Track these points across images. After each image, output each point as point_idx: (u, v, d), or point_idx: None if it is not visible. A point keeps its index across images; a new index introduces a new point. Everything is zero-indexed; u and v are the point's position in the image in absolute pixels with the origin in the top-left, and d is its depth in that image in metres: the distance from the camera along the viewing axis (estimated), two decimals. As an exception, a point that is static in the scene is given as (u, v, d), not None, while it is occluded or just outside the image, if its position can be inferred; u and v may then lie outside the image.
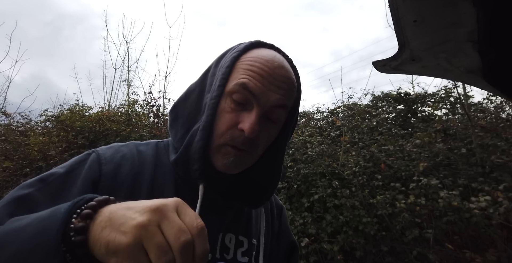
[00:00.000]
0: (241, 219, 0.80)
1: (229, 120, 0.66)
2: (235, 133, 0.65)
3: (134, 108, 6.12)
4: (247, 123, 0.63)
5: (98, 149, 0.72)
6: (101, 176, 0.65)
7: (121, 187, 0.66)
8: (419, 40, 0.92)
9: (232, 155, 0.66)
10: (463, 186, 3.49)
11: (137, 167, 0.71)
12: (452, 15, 0.81)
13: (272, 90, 0.65)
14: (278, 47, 0.76)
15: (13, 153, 4.89)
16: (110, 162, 0.69)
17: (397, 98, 5.77)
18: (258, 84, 0.64)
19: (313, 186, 3.92)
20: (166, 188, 0.71)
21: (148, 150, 0.77)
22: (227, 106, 0.66)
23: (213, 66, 0.75)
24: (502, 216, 2.95)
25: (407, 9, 0.80)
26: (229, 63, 0.68)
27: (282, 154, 0.78)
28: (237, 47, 0.72)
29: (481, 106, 4.89)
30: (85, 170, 0.65)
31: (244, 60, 0.68)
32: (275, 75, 0.66)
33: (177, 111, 0.77)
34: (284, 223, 0.95)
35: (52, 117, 5.77)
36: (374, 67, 1.11)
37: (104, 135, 4.74)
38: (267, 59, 0.67)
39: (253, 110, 0.65)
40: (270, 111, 0.67)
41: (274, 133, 0.72)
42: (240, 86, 0.64)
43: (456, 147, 4.00)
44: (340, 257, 3.35)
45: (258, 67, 0.65)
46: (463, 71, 1.03)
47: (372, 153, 4.12)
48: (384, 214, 3.47)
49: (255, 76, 0.65)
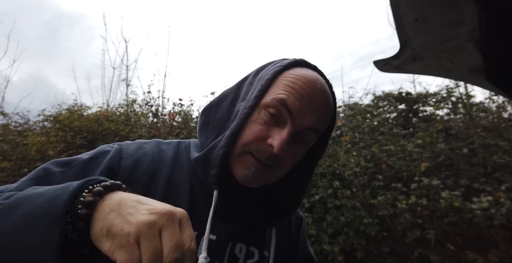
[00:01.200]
0: (254, 230, 0.78)
1: (258, 132, 0.65)
2: (262, 146, 0.64)
3: (133, 107, 6.12)
4: (277, 140, 0.62)
5: (123, 143, 0.75)
6: (119, 169, 0.67)
7: (137, 182, 0.67)
8: (421, 39, 0.91)
9: (253, 166, 0.65)
10: (465, 186, 3.48)
11: (156, 164, 0.72)
12: (454, 14, 0.80)
13: (309, 111, 0.64)
14: (321, 70, 0.74)
15: (11, 153, 4.88)
16: (130, 157, 0.70)
17: (399, 97, 5.75)
18: (297, 102, 0.63)
19: (314, 186, 3.90)
20: (182, 188, 0.71)
21: (169, 149, 0.78)
22: (260, 118, 0.65)
23: (252, 76, 0.75)
24: (504, 216, 2.94)
25: (409, 8, 0.79)
26: (270, 76, 0.67)
27: (308, 178, 0.77)
28: (280, 62, 0.71)
29: (483, 105, 4.86)
30: (106, 160, 0.67)
31: (286, 76, 0.67)
32: (315, 97, 0.65)
33: (209, 115, 0.77)
34: (302, 235, 0.92)
35: (50, 117, 5.75)
36: (376, 66, 1.10)
37: (102, 135, 4.73)
38: (310, 79, 0.66)
39: (286, 128, 0.63)
40: (302, 132, 0.66)
41: (300, 154, 0.70)
42: (278, 101, 0.63)
43: (458, 147, 3.98)
44: (340, 258, 3.34)
45: (300, 86, 0.64)
46: (465, 70, 1.02)
47: (373, 153, 4.10)
48: (385, 214, 3.45)
49: (295, 94, 0.64)
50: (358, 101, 6.28)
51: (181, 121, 5.44)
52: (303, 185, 0.76)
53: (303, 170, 0.75)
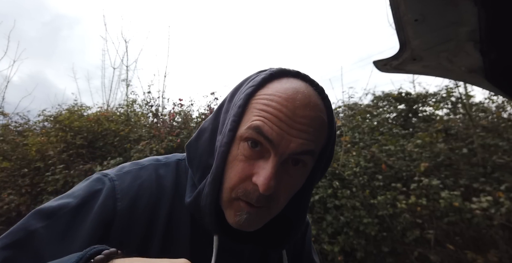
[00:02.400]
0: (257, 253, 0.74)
1: (241, 171, 0.56)
2: (249, 187, 0.56)
3: (133, 108, 6.12)
4: (262, 177, 0.53)
5: (114, 175, 0.64)
6: (115, 215, 0.58)
7: (137, 224, 0.60)
8: (420, 40, 0.91)
9: (245, 212, 0.57)
10: (465, 186, 3.48)
11: (155, 197, 0.64)
12: (454, 14, 0.80)
13: (293, 134, 0.54)
14: (306, 75, 0.63)
15: (11, 153, 4.88)
16: (126, 195, 0.61)
17: (398, 97, 5.75)
18: (275, 127, 0.53)
19: (314, 186, 3.89)
20: (183, 221, 0.65)
21: (168, 174, 0.69)
22: (239, 153, 0.57)
23: (227, 101, 0.66)
24: (504, 216, 2.94)
25: (408, 8, 0.79)
26: (242, 101, 0.58)
27: (308, 198, 0.68)
28: (254, 79, 0.61)
29: (483, 106, 4.87)
30: (97, 207, 0.58)
31: (259, 97, 0.57)
32: (297, 116, 0.54)
33: (190, 151, 0.69)
34: (308, 241, 0.87)
35: (50, 117, 5.74)
36: (375, 66, 1.10)
37: (102, 135, 4.74)
38: (287, 96, 0.55)
39: (269, 160, 0.54)
40: (292, 158, 0.56)
41: (297, 182, 0.61)
42: (253, 130, 0.54)
43: (458, 147, 3.98)
44: (340, 258, 3.34)
45: (275, 108, 0.54)
46: (464, 70, 1.02)
47: (373, 153, 4.10)
48: (385, 214, 3.45)
49: (271, 118, 0.54)
50: (358, 101, 6.28)
51: (181, 121, 5.44)
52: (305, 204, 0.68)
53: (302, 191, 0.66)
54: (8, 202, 4.12)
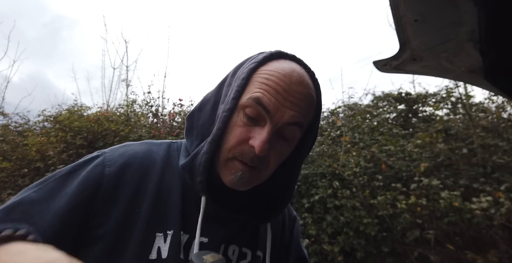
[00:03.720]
0: (247, 230, 0.78)
1: (239, 135, 0.63)
2: (245, 149, 0.63)
3: (133, 108, 6.12)
4: (258, 140, 0.61)
5: (108, 150, 0.71)
6: (103, 178, 0.64)
7: (124, 189, 0.65)
8: (420, 40, 0.91)
9: (240, 170, 0.64)
10: (464, 186, 3.48)
11: (145, 167, 0.69)
12: (453, 15, 0.80)
13: (287, 106, 0.62)
14: (300, 59, 0.72)
15: (11, 153, 4.88)
16: (115, 163, 0.67)
17: (398, 98, 5.76)
18: (273, 99, 0.61)
19: (314, 186, 3.90)
20: (173, 192, 0.69)
21: (160, 150, 0.75)
22: (239, 120, 0.64)
23: (230, 76, 0.72)
24: (504, 216, 2.94)
25: (408, 8, 0.79)
26: (245, 74, 0.65)
27: (298, 172, 0.75)
28: (256, 58, 0.69)
29: (483, 106, 4.86)
30: (85, 172, 0.64)
31: (261, 72, 0.65)
32: (292, 91, 0.62)
33: (192, 121, 0.75)
34: (295, 235, 0.92)
35: (50, 117, 5.75)
36: (375, 66, 1.11)
37: (102, 136, 4.73)
38: (285, 73, 0.63)
39: (265, 127, 0.62)
40: (284, 128, 0.64)
41: (286, 151, 0.69)
42: (254, 100, 0.62)
43: (457, 147, 3.98)
44: (340, 258, 3.34)
45: (274, 82, 0.62)
46: (464, 70, 1.02)
47: (373, 153, 4.10)
48: (385, 215, 3.45)
49: (270, 90, 0.62)
50: (358, 101, 6.29)
51: (181, 121, 5.44)
52: (293, 180, 0.75)
53: (291, 165, 0.74)
54: (8, 202, 4.11)
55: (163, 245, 0.63)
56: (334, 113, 6.26)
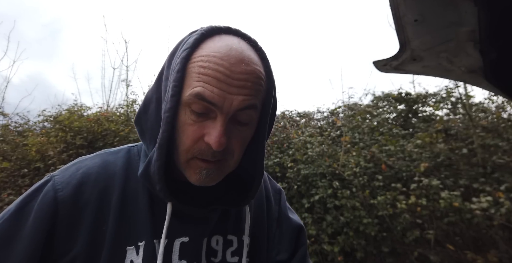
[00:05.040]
0: (230, 217, 0.76)
1: (192, 134, 0.59)
2: (202, 147, 0.59)
3: (133, 108, 6.11)
4: (213, 135, 0.56)
5: (57, 172, 0.66)
6: (57, 205, 0.59)
7: (86, 208, 0.61)
8: (420, 40, 0.91)
9: (204, 168, 0.60)
10: (464, 186, 3.48)
11: (103, 181, 0.64)
12: (453, 15, 0.80)
13: (233, 92, 0.56)
14: (237, 29, 0.64)
15: (11, 153, 4.87)
16: (68, 185, 0.62)
17: (398, 98, 5.75)
18: (215, 90, 0.55)
19: (314, 186, 3.90)
20: (140, 200, 0.66)
21: (118, 159, 0.70)
22: (187, 118, 0.59)
23: (166, 67, 0.65)
24: (504, 217, 2.94)
25: (408, 8, 0.79)
26: (179, 66, 0.58)
27: (262, 151, 0.70)
28: (187, 42, 0.61)
29: (483, 106, 4.86)
30: (37, 204, 0.59)
31: (195, 60, 0.58)
32: (234, 74, 0.56)
33: (141, 124, 0.69)
34: (283, 206, 0.90)
35: (50, 117, 5.75)
36: (375, 66, 1.10)
37: (102, 136, 4.73)
38: (221, 55, 0.56)
39: (217, 119, 0.57)
40: (237, 114, 0.59)
41: (247, 134, 0.65)
42: (195, 96, 0.56)
43: (457, 147, 3.98)
44: (340, 258, 3.34)
45: (212, 69, 0.56)
46: (464, 71, 1.02)
47: (373, 153, 4.10)
48: (385, 215, 3.45)
49: (211, 81, 0.55)
50: (358, 101, 6.30)
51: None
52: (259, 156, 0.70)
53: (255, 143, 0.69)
54: (8, 202, 4.11)
55: (136, 258, 0.61)
56: (334, 113, 6.27)
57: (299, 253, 0.84)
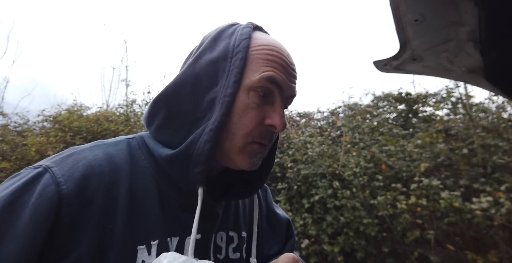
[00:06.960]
0: (230, 214, 0.77)
1: (256, 117, 0.61)
2: (263, 129, 0.62)
3: (133, 108, 6.12)
4: (277, 118, 0.61)
5: (51, 163, 0.56)
6: (61, 199, 0.52)
7: (92, 204, 0.55)
8: (420, 40, 0.91)
9: (259, 152, 0.64)
10: (465, 186, 3.47)
11: (108, 175, 0.58)
12: (454, 14, 0.80)
13: (291, 80, 0.64)
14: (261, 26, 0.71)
15: (11, 153, 4.86)
16: (70, 177, 0.54)
17: (398, 98, 5.75)
18: (282, 75, 0.62)
19: (314, 187, 3.90)
20: (148, 196, 0.62)
21: (120, 152, 0.64)
22: (251, 101, 0.61)
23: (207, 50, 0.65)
24: (504, 217, 2.93)
25: (408, 8, 0.79)
26: (242, 54, 0.60)
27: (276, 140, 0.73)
28: (241, 33, 0.64)
29: (483, 106, 4.85)
30: (34, 198, 0.51)
31: (257, 48, 0.62)
32: (290, 65, 0.64)
33: (170, 108, 0.65)
34: (270, 203, 0.94)
35: (50, 117, 5.75)
36: (375, 66, 1.10)
37: (102, 135, 4.73)
38: (279, 46, 0.64)
39: (277, 103, 0.62)
40: (286, 101, 0.67)
41: None
42: (267, 80, 0.60)
43: (458, 147, 3.97)
44: (340, 258, 3.34)
45: (278, 57, 0.62)
46: (464, 71, 1.01)
47: (373, 153, 4.10)
48: (385, 215, 3.45)
49: (278, 67, 0.61)
50: (358, 101, 6.29)
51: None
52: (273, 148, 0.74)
53: None
54: (8, 202, 4.11)
55: (148, 258, 0.57)
56: (334, 113, 6.27)
57: (289, 244, 0.90)
